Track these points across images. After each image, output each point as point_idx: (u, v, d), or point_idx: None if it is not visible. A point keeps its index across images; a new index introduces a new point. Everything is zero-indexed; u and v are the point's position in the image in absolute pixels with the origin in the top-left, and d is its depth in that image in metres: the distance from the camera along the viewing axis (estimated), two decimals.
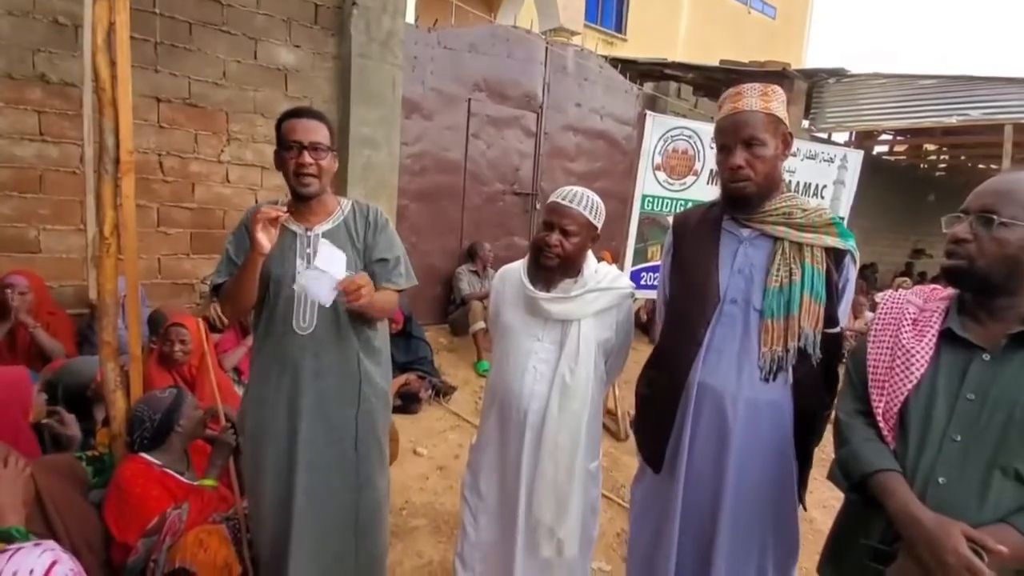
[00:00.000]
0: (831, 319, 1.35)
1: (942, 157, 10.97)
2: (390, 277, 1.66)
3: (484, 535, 1.64)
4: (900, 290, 1.28)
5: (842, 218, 4.02)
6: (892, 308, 1.22)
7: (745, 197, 1.37)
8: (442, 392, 3.80)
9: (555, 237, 1.49)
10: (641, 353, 1.97)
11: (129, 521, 1.74)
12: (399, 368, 3.71)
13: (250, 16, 3.60)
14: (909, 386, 1.11)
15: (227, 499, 1.91)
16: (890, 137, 9.80)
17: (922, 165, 11.52)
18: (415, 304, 4.35)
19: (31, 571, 1.05)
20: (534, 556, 1.56)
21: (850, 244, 1.37)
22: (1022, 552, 0.93)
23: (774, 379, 1.35)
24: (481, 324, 4.36)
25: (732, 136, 1.36)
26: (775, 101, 1.36)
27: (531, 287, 1.54)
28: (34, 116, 3.05)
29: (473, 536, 1.65)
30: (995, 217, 1.02)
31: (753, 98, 1.35)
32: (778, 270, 1.34)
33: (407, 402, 3.55)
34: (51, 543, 1.17)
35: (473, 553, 1.66)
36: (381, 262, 1.65)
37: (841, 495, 1.28)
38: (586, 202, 1.52)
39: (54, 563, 1.06)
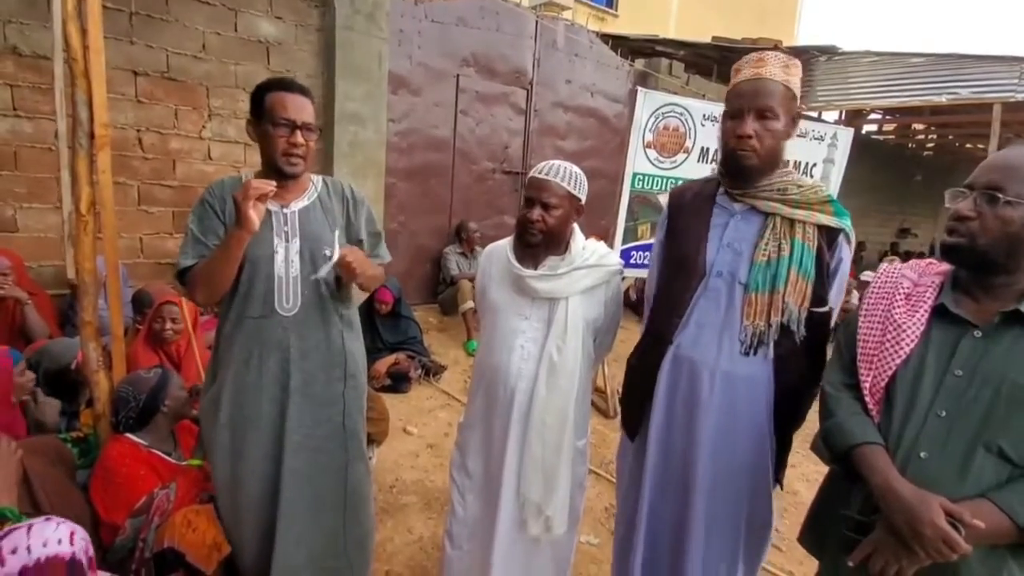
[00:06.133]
0: (819, 298, 1.34)
1: (930, 137, 11.02)
2: (376, 252, 1.69)
3: (472, 513, 1.65)
4: (895, 264, 1.27)
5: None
6: (887, 282, 1.20)
7: (746, 168, 1.33)
8: (432, 371, 3.80)
9: (536, 212, 1.46)
10: (630, 332, 1.97)
11: (116, 501, 1.73)
12: (389, 348, 3.70)
13: None
14: (898, 361, 1.11)
15: None
16: (879, 116, 9.80)
17: (910, 144, 11.56)
18: (405, 284, 4.32)
19: (59, 540, 1.06)
20: (522, 533, 1.56)
21: (844, 223, 1.34)
22: (999, 527, 0.94)
23: (754, 353, 1.34)
24: (470, 304, 4.34)
25: (748, 102, 1.30)
26: (795, 76, 1.32)
27: (517, 265, 1.52)
28: (7, 90, 2.95)
29: (461, 514, 1.66)
30: (1000, 196, 1.00)
31: (776, 67, 1.30)
32: (767, 244, 1.33)
33: (397, 381, 3.54)
34: (57, 517, 1.17)
35: (461, 531, 1.67)
36: (367, 238, 1.66)
37: (824, 470, 1.29)
38: (564, 173, 1.49)
39: (73, 532, 1.09)
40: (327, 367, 1.60)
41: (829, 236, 1.34)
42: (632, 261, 3.60)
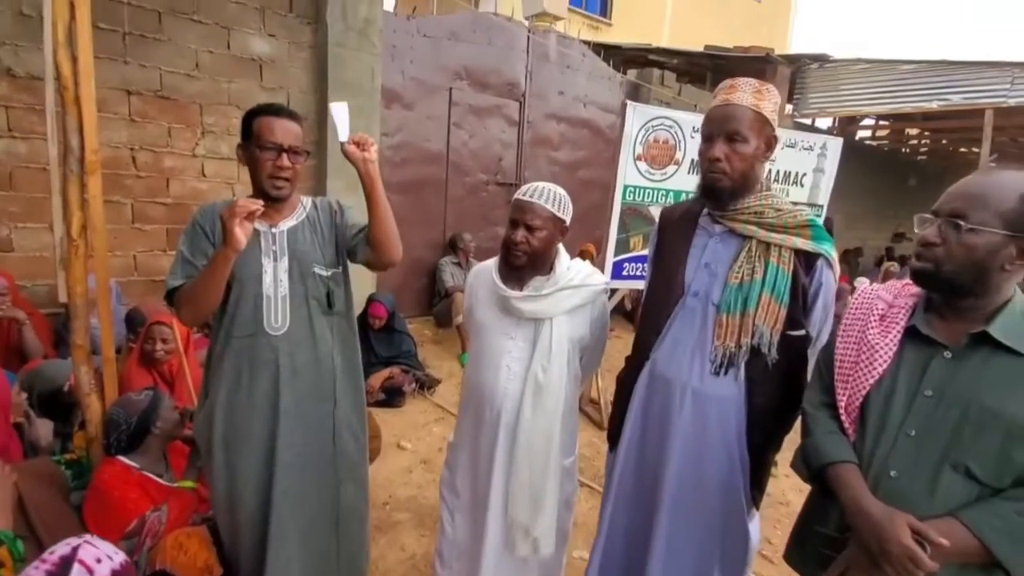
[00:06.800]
0: (795, 321, 1.35)
1: (923, 141, 11.08)
2: None
3: (461, 533, 1.66)
4: (874, 285, 1.29)
5: (821, 206, 4.07)
6: (862, 303, 1.23)
7: (718, 190, 1.37)
8: (426, 385, 3.81)
9: (520, 234, 1.49)
10: (624, 341, 1.99)
11: (109, 524, 1.73)
12: (383, 362, 3.71)
13: (221, 4, 3.52)
14: (871, 381, 1.13)
15: (207, 500, 1.90)
16: (872, 122, 9.86)
17: (904, 149, 11.63)
18: (399, 296, 4.34)
19: (116, 551, 1.20)
20: (510, 554, 1.57)
21: (823, 248, 1.35)
22: (965, 546, 0.96)
23: (725, 374, 1.37)
24: None
25: (717, 127, 1.36)
26: (767, 101, 1.35)
27: (503, 286, 1.54)
28: (1, 112, 2.98)
29: (451, 533, 1.67)
30: (963, 223, 1.02)
31: (746, 93, 1.34)
32: (740, 267, 1.35)
33: (391, 396, 3.55)
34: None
35: (451, 551, 1.68)
36: (362, 229, 1.61)
37: None
38: (548, 196, 1.51)
39: (117, 552, 1.23)
40: (317, 386, 1.61)
41: (807, 260, 1.35)
42: (624, 273, 3.61)
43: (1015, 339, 1.01)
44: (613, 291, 3.76)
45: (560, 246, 1.60)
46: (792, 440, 1.48)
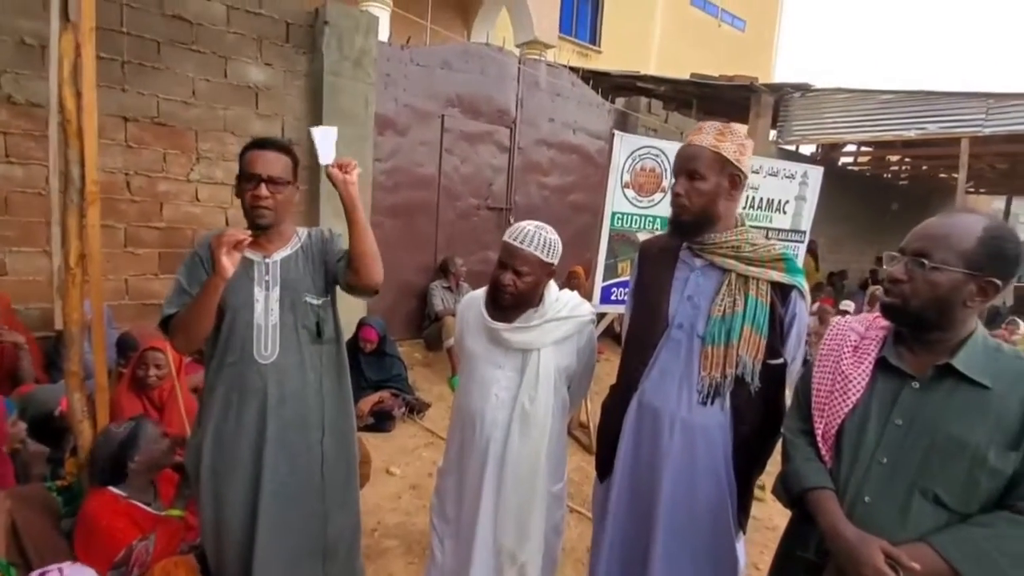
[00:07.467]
0: (774, 351, 1.42)
1: (904, 167, 11.39)
2: None
3: (450, 560, 1.68)
4: (848, 317, 1.34)
5: (804, 232, 4.18)
6: (836, 335, 1.29)
7: (680, 223, 1.47)
8: (416, 409, 3.81)
9: (508, 277, 1.53)
10: (614, 364, 2.04)
11: (97, 553, 1.73)
12: (372, 386, 3.72)
13: (220, 34, 3.60)
14: (846, 410, 1.18)
15: (195, 528, 1.90)
16: (854, 148, 10.12)
17: (885, 175, 11.93)
18: (390, 319, 4.36)
19: None
20: None
21: (796, 280, 1.43)
22: (935, 569, 1.00)
23: (711, 403, 1.42)
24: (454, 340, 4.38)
25: (680, 165, 1.47)
26: (728, 142, 1.42)
27: (490, 320, 1.58)
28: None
29: (440, 560, 1.69)
30: (927, 262, 1.08)
31: (708, 136, 1.43)
32: (722, 300, 1.42)
33: (380, 421, 3.55)
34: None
35: None
36: (345, 253, 1.63)
37: None
38: (538, 241, 1.54)
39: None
40: (304, 415, 1.62)
41: (783, 292, 1.43)
42: (613, 297, 3.67)
43: (977, 371, 1.07)
44: (602, 315, 3.82)
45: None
46: (776, 463, 1.53)
